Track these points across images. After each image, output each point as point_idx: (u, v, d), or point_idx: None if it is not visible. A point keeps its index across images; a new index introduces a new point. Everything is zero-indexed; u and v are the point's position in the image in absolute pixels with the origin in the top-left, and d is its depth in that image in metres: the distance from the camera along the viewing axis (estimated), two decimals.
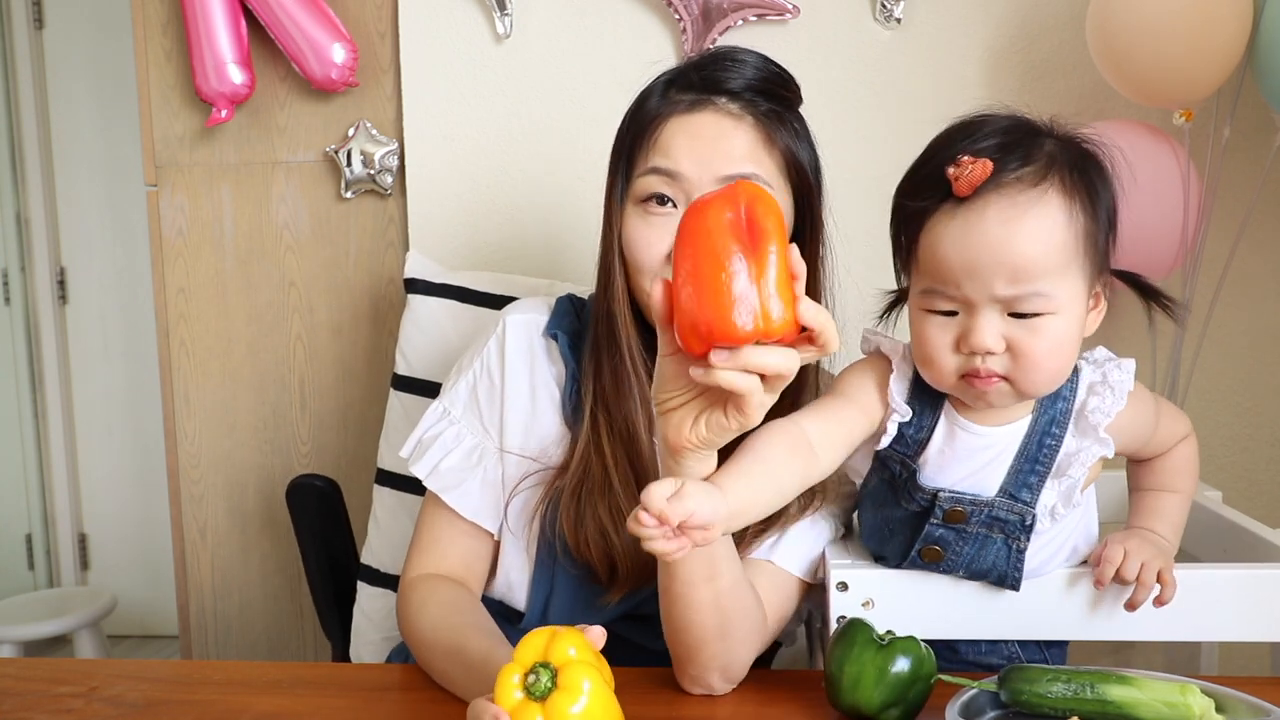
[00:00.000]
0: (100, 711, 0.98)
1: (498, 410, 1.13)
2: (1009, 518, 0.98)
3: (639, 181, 1.05)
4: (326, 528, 1.52)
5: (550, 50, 1.71)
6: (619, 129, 1.10)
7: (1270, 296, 1.68)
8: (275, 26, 1.68)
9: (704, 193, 0.95)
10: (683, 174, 1.03)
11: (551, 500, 1.09)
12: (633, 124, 1.08)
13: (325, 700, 1.00)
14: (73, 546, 3.28)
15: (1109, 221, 0.95)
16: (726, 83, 1.05)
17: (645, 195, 1.05)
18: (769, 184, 1.04)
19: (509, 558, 1.12)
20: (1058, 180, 0.90)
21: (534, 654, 0.79)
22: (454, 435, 1.13)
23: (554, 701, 0.76)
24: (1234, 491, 1.67)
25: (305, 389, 1.83)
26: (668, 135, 1.05)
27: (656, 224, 1.04)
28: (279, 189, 1.80)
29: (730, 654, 0.97)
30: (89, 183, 3.21)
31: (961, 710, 0.87)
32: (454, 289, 1.55)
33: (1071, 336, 0.92)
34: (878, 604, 1.01)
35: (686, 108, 1.05)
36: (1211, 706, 0.86)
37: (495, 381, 1.13)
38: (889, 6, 1.64)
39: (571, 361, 1.12)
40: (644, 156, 1.06)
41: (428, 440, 1.13)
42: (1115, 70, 1.47)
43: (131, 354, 3.23)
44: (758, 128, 1.05)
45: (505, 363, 1.13)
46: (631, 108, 1.09)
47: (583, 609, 1.10)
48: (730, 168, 1.03)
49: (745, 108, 1.05)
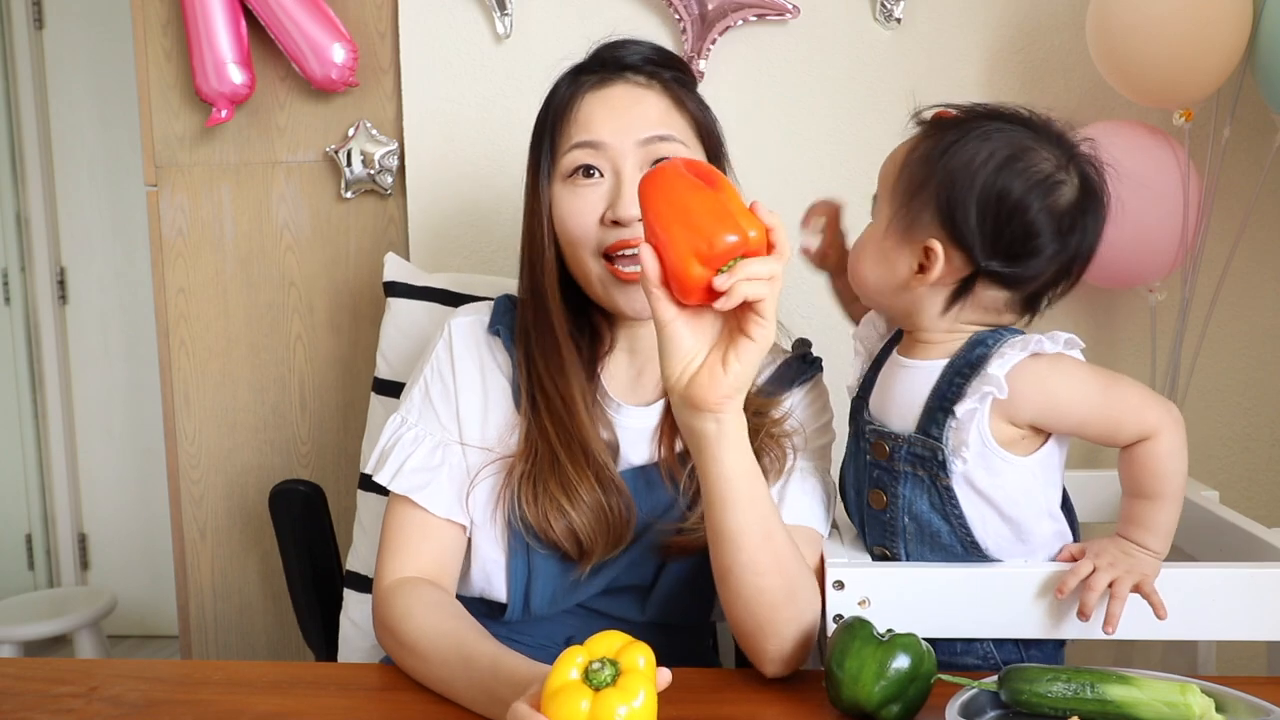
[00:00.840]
0: (100, 711, 0.98)
1: (453, 406, 1.15)
2: (924, 454, 1.02)
3: (564, 159, 1.11)
4: (310, 535, 1.51)
5: (550, 50, 1.70)
6: (536, 122, 1.16)
7: (1270, 297, 1.68)
8: (275, 26, 1.68)
9: (627, 159, 1.08)
10: (605, 142, 1.09)
11: (510, 487, 1.10)
12: (549, 112, 1.14)
13: (325, 700, 1.00)
14: (73, 546, 3.28)
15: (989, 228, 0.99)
16: (627, 59, 1.13)
17: (572, 169, 1.10)
18: (684, 144, 1.10)
19: (482, 550, 1.12)
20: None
21: (605, 649, 0.80)
22: (413, 438, 1.14)
23: (607, 695, 0.77)
24: (1233, 491, 1.67)
25: (305, 389, 1.83)
26: (586, 110, 1.11)
27: (586, 194, 1.09)
28: (279, 189, 1.80)
29: (802, 615, 0.99)
30: (89, 183, 3.21)
31: (961, 710, 0.87)
32: (433, 291, 1.54)
33: (863, 242, 1.07)
34: (874, 602, 1.01)
35: (597, 84, 1.12)
36: (1211, 706, 0.86)
37: (448, 383, 1.15)
38: (889, 6, 1.64)
39: (516, 353, 1.15)
40: (565, 135, 1.11)
41: (388, 449, 1.14)
42: (1115, 70, 1.47)
43: (131, 354, 3.23)
44: (666, 93, 1.13)
45: (455, 363, 1.16)
46: (545, 102, 1.16)
47: (564, 591, 1.11)
48: (647, 130, 1.09)
49: (650, 77, 1.13)
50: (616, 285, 1.09)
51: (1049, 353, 1.00)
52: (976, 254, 0.99)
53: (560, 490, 1.08)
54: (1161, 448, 1.01)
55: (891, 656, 0.88)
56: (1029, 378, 0.99)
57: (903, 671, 0.87)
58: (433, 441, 1.14)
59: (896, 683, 0.87)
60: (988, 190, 0.98)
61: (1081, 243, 1.01)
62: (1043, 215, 0.98)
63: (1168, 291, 1.59)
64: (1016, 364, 0.99)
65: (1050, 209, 0.98)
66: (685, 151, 1.10)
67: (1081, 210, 1.00)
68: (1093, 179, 1.01)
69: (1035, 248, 0.99)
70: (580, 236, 1.10)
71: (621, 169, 1.08)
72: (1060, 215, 0.99)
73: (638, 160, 1.09)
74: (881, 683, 0.87)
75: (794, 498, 1.10)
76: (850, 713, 0.90)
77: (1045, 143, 1.00)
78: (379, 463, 1.14)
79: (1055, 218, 0.99)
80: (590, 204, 1.09)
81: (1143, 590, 0.99)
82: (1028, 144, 1.00)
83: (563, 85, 1.15)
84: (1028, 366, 1.00)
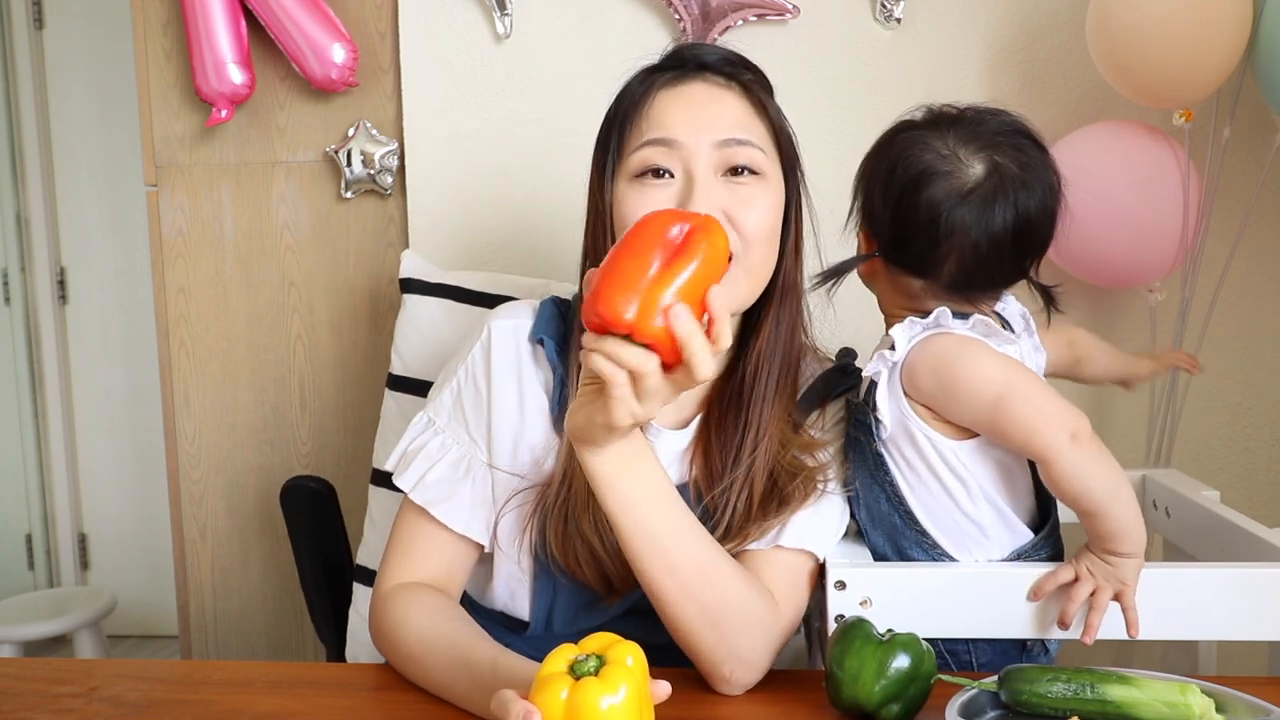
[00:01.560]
0: (100, 711, 0.98)
1: (484, 420, 1.09)
2: (863, 419, 1.08)
3: (633, 157, 1.04)
4: (321, 530, 1.52)
5: (550, 50, 1.71)
6: (604, 120, 1.09)
7: (1270, 297, 1.68)
8: (275, 26, 1.68)
9: (700, 159, 1.01)
10: (679, 141, 1.02)
11: (539, 518, 1.06)
12: (618, 109, 1.08)
13: (325, 700, 1.00)
14: (73, 546, 3.28)
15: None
16: (705, 57, 1.07)
17: (642, 169, 1.03)
18: (762, 150, 1.04)
19: (505, 570, 1.09)
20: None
21: (595, 646, 0.80)
22: (439, 445, 1.09)
23: (587, 684, 0.77)
24: (1233, 491, 1.67)
25: (305, 389, 1.83)
26: (659, 107, 1.04)
27: (654, 195, 1.02)
28: (279, 189, 1.80)
29: (729, 643, 0.96)
30: (89, 183, 3.21)
31: (961, 710, 0.87)
32: (449, 288, 1.55)
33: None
34: (875, 603, 1.01)
35: (672, 80, 1.06)
36: (1211, 706, 0.86)
37: (481, 390, 1.09)
38: (889, 6, 1.64)
39: (560, 366, 1.08)
40: (636, 132, 1.04)
41: (412, 452, 1.09)
42: (1115, 70, 1.47)
43: (131, 354, 3.23)
44: (746, 96, 1.06)
45: (491, 371, 1.09)
46: (614, 100, 1.09)
47: (586, 612, 1.09)
48: (725, 131, 1.02)
49: (729, 78, 1.06)
50: None
51: (954, 332, 1.02)
52: (876, 238, 1.08)
53: (593, 531, 1.03)
54: (1057, 472, 0.98)
55: (892, 656, 0.88)
56: (925, 354, 1.02)
57: (903, 671, 0.87)
58: (459, 453, 1.09)
59: (897, 682, 0.87)
60: (885, 179, 1.07)
61: (982, 229, 1.02)
62: (919, 200, 1.03)
63: (1168, 291, 1.59)
64: (920, 337, 1.03)
65: (931, 195, 1.02)
66: (763, 159, 1.04)
67: (984, 198, 1.02)
68: (1007, 170, 1.02)
69: (910, 232, 1.04)
70: None
71: (694, 170, 1.01)
72: (941, 201, 1.02)
73: (712, 163, 1.02)
74: (882, 682, 0.87)
75: (798, 521, 1.05)
76: (850, 712, 0.90)
77: (949, 136, 1.04)
78: (401, 465, 1.09)
79: (935, 203, 1.02)
80: (658, 205, 1.00)
81: (1121, 601, 0.99)
82: (927, 139, 1.05)
83: (634, 83, 1.08)
84: (932, 342, 1.02)
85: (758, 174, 1.03)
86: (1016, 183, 1.02)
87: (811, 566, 1.06)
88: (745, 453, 1.05)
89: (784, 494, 1.04)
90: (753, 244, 1.02)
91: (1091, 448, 0.98)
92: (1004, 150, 1.03)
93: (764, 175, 1.04)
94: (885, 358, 1.04)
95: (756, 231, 1.02)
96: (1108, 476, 0.98)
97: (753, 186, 1.03)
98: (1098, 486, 0.98)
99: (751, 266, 1.03)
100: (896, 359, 1.03)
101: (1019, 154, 1.03)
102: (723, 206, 1.01)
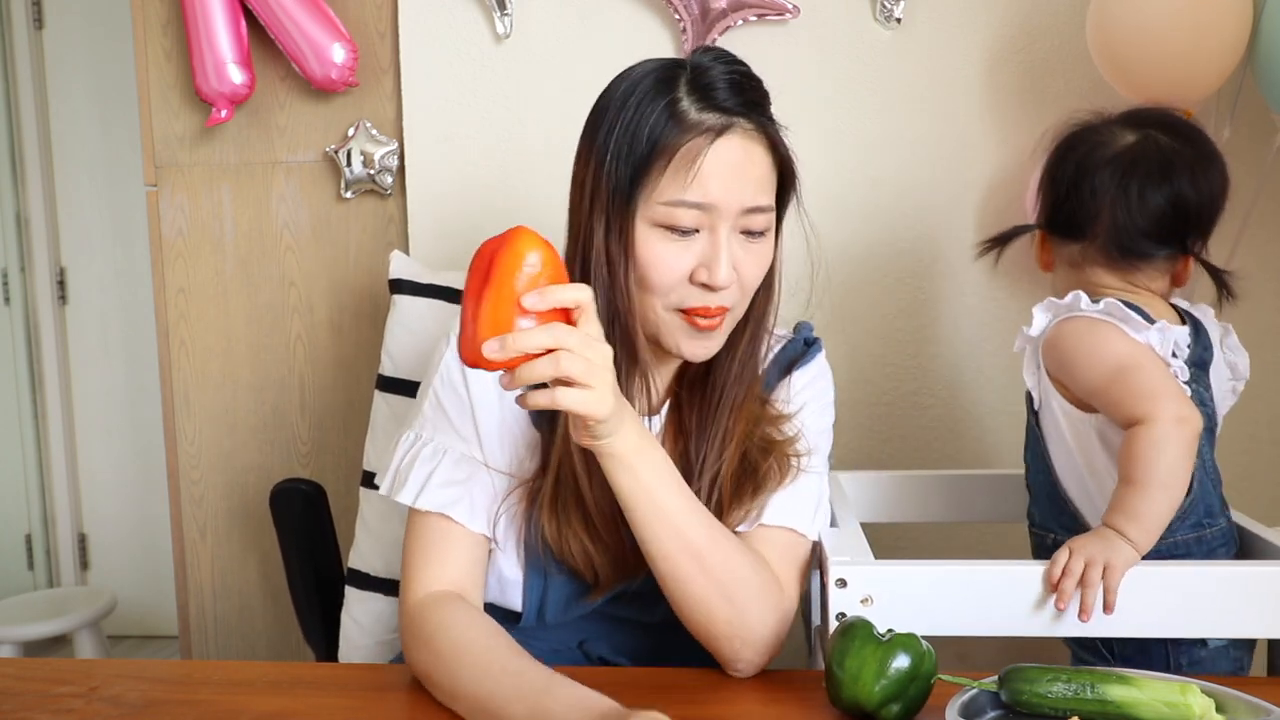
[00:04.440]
0: (100, 711, 0.98)
1: (470, 421, 1.10)
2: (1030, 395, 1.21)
3: (667, 210, 1.02)
4: (311, 533, 1.51)
5: (550, 50, 1.71)
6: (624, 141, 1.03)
7: (1270, 296, 1.68)
8: (275, 26, 1.68)
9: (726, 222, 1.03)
10: (715, 206, 1.02)
11: (531, 512, 1.08)
12: (648, 142, 1.02)
13: (325, 700, 1.00)
14: (73, 546, 3.28)
15: None
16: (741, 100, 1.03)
17: (670, 223, 1.02)
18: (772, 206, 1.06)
19: (498, 564, 1.11)
20: None
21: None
22: (432, 452, 1.09)
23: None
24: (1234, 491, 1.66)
25: (305, 389, 1.83)
26: (708, 169, 1.01)
27: (678, 249, 1.03)
28: (279, 189, 1.80)
29: (742, 617, 1.00)
30: (89, 183, 3.21)
31: (961, 710, 0.87)
32: (439, 289, 1.54)
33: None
34: (877, 601, 1.01)
35: (716, 134, 1.02)
36: (1211, 706, 0.86)
37: (461, 394, 1.10)
38: (889, 6, 1.64)
39: None
40: (676, 185, 1.01)
41: (405, 467, 1.09)
42: (1115, 70, 1.47)
43: (131, 354, 3.23)
44: (765, 140, 1.05)
45: (467, 375, 1.10)
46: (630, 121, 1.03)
47: (577, 602, 1.11)
48: (751, 199, 1.03)
49: (758, 126, 1.04)
50: (688, 332, 1.05)
51: (1086, 314, 1.11)
52: (1040, 215, 1.23)
53: (583, 525, 1.06)
54: (1147, 434, 1.04)
55: (892, 656, 0.88)
56: (1058, 330, 1.13)
57: (903, 671, 0.88)
58: (455, 454, 1.09)
59: (897, 682, 0.87)
60: (1051, 161, 1.22)
61: (1125, 190, 1.14)
62: (1071, 161, 1.18)
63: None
64: (1060, 317, 1.13)
65: (1082, 157, 1.17)
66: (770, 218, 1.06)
67: (1131, 161, 1.14)
68: (1156, 140, 1.15)
69: (1063, 192, 1.18)
70: (662, 288, 1.03)
71: (719, 230, 1.02)
72: (1090, 160, 1.16)
73: (734, 225, 1.03)
74: (882, 682, 0.87)
75: (776, 501, 1.08)
76: (850, 712, 0.90)
77: (1111, 120, 1.19)
78: (396, 483, 1.09)
79: (1084, 163, 1.17)
80: (683, 260, 1.02)
81: (1106, 579, 0.99)
82: (1089, 121, 1.21)
83: (663, 116, 1.02)
84: (1067, 320, 1.12)
85: (765, 233, 1.06)
86: (1166, 153, 1.14)
87: (801, 545, 1.09)
88: (717, 436, 1.09)
89: (759, 476, 1.08)
90: (746, 294, 1.07)
91: (1185, 438, 1.05)
92: (1157, 128, 1.16)
93: (768, 231, 1.07)
94: (1024, 333, 1.16)
95: (754, 284, 1.07)
96: (1176, 467, 1.04)
97: (761, 244, 1.06)
98: (1164, 467, 1.04)
99: (739, 312, 1.08)
100: (1033, 334, 1.16)
101: (1172, 134, 1.15)
102: (736, 264, 1.04)
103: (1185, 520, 1.11)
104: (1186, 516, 1.11)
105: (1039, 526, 1.22)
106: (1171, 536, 1.09)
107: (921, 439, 1.71)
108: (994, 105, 1.66)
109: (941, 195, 1.67)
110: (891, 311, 1.69)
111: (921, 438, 1.71)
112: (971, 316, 1.69)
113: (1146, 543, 1.02)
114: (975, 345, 1.70)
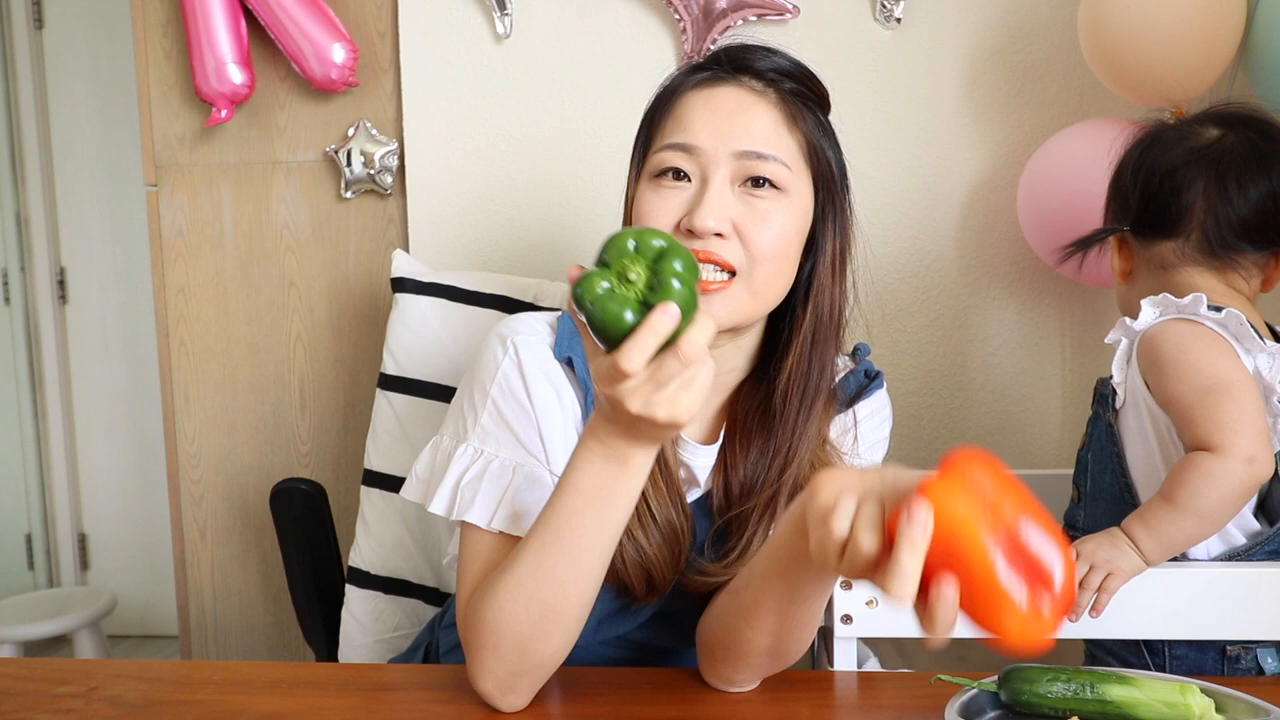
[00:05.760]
0: (100, 711, 0.98)
1: (535, 432, 1.03)
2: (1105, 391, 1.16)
3: (654, 158, 1.02)
4: (312, 533, 1.51)
5: (550, 50, 1.71)
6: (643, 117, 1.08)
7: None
8: (275, 26, 1.68)
9: (719, 168, 0.99)
10: (699, 147, 1.00)
11: None
12: (653, 106, 1.06)
13: (325, 700, 1.00)
14: (73, 546, 3.28)
15: None
16: (752, 63, 1.03)
17: (660, 170, 1.01)
18: (786, 164, 1.00)
19: None
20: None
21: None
22: (500, 468, 1.02)
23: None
24: None
25: (305, 389, 1.83)
26: (685, 108, 1.02)
27: (667, 197, 1.00)
28: (279, 189, 1.80)
29: (786, 664, 0.97)
30: (89, 183, 3.21)
31: (961, 710, 0.87)
32: (442, 288, 1.54)
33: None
34: (881, 603, 1.01)
35: (705, 82, 1.03)
36: (1211, 706, 0.86)
37: (525, 406, 1.03)
38: (889, 6, 1.64)
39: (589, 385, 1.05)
40: (661, 132, 1.03)
41: (469, 486, 1.01)
42: (1107, 68, 1.47)
43: (131, 354, 3.23)
44: (780, 106, 1.02)
45: (529, 386, 1.03)
46: (653, 97, 1.07)
47: (612, 620, 1.07)
48: (748, 143, 0.99)
49: (768, 85, 1.03)
50: None
51: (1200, 319, 1.06)
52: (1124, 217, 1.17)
53: (641, 531, 1.00)
54: (1206, 462, 1.00)
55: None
56: (1164, 330, 1.07)
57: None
58: (525, 470, 1.01)
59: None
60: (1132, 163, 1.17)
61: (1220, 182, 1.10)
62: (1159, 160, 1.14)
63: None
64: (1169, 316, 1.08)
65: (1169, 155, 1.13)
66: (786, 175, 1.00)
67: (1220, 154, 1.10)
68: (1242, 136, 1.11)
69: (1152, 191, 1.13)
70: None
71: (710, 177, 0.99)
72: (1178, 157, 1.12)
73: (729, 173, 0.99)
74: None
75: None
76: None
77: (1189, 121, 1.16)
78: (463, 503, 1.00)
79: (1173, 161, 1.12)
80: (670, 207, 1.00)
81: (1103, 586, 0.99)
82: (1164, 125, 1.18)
83: (671, 81, 1.06)
84: (1176, 322, 1.07)
85: (779, 189, 1.00)
86: (1258, 146, 1.10)
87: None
88: (773, 474, 1.03)
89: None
90: (759, 261, 0.99)
91: (1248, 480, 1.00)
92: (1240, 123, 1.12)
93: (786, 191, 1.00)
94: (1126, 324, 1.10)
95: (765, 250, 0.99)
96: (1226, 504, 1.01)
97: (771, 202, 1.00)
98: (1212, 501, 1.00)
99: (756, 286, 1.00)
100: (1138, 327, 1.09)
101: (1255, 129, 1.11)
102: (733, 218, 0.98)
103: (1265, 546, 1.08)
104: (1267, 544, 1.08)
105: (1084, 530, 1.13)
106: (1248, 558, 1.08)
107: (922, 438, 1.72)
108: (994, 104, 1.66)
109: (941, 194, 1.67)
110: (892, 311, 1.69)
111: (922, 438, 1.72)
112: (971, 314, 1.69)
113: (1158, 559, 1.01)
114: (978, 344, 1.70)
